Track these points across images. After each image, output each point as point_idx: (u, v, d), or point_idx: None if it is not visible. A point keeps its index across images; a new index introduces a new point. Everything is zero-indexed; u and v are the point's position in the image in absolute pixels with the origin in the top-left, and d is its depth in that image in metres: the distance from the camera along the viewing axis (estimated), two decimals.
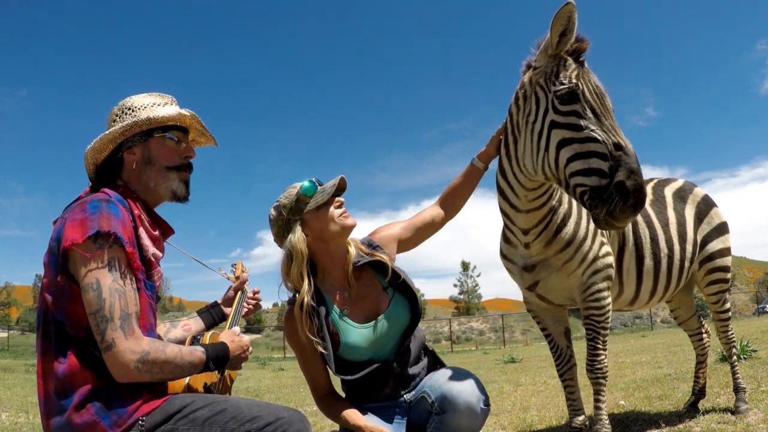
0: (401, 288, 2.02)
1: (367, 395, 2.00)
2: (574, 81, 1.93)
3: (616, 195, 1.74)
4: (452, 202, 2.26)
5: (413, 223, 2.19)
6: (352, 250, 2.01)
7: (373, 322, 1.96)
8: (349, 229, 1.97)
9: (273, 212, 1.98)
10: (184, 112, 1.68)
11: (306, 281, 1.91)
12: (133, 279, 1.44)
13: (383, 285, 2.02)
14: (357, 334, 1.94)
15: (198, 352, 1.50)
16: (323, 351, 1.88)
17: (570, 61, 1.98)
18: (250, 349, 1.69)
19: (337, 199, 1.98)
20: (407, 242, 2.17)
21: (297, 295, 1.93)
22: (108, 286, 1.36)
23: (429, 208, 2.25)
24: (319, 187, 1.97)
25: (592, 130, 1.85)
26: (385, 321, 1.97)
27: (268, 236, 2.07)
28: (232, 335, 1.67)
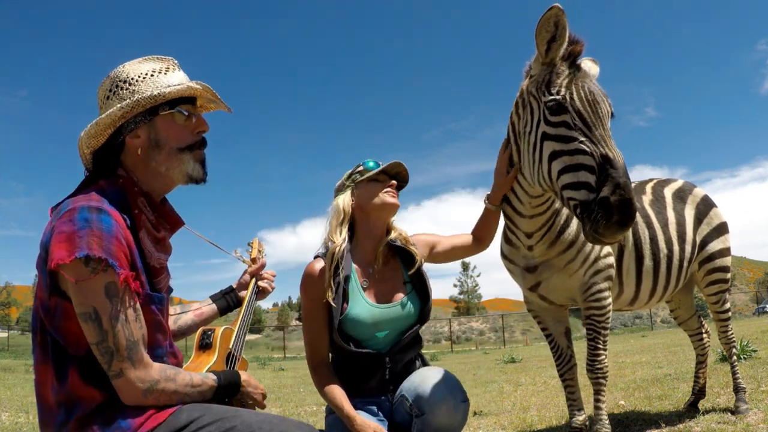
0: (419, 288, 2.10)
1: (353, 384, 2.02)
2: (563, 92, 1.87)
3: (599, 211, 1.67)
4: (484, 235, 2.32)
5: (452, 241, 2.30)
6: (394, 233, 2.13)
7: (384, 305, 2.03)
8: (388, 206, 2.09)
9: (338, 182, 2.19)
10: (194, 84, 1.45)
11: (341, 236, 2.04)
12: (135, 299, 1.31)
13: (405, 278, 2.11)
14: (366, 309, 2.00)
15: (209, 381, 1.43)
16: (332, 303, 1.95)
17: (563, 68, 1.93)
18: (263, 396, 1.64)
19: (391, 181, 2.12)
20: (438, 255, 2.27)
21: (327, 250, 2.03)
22: (108, 315, 1.24)
23: (466, 235, 2.35)
24: (380, 168, 2.12)
25: (581, 142, 1.80)
26: (395, 309, 2.03)
27: (269, 236, 2.12)
28: (251, 378, 1.60)
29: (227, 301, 1.92)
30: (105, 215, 1.26)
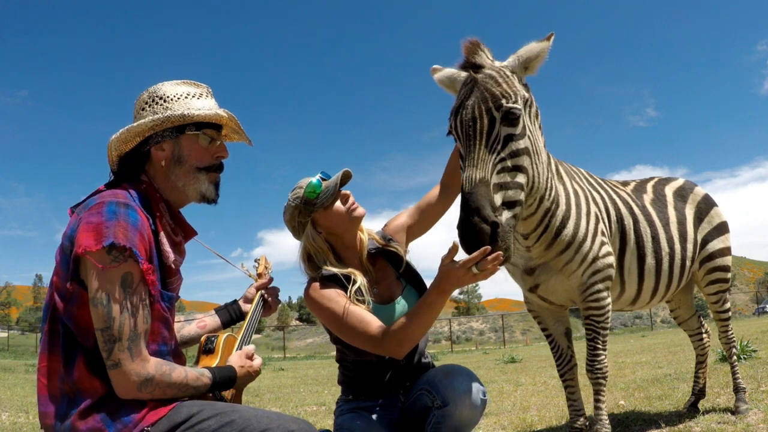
0: (413, 280, 2.10)
1: (366, 383, 2.03)
2: (450, 121, 1.87)
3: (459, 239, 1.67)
4: (454, 179, 2.19)
5: (418, 207, 2.22)
6: (365, 237, 2.08)
7: (388, 304, 2.03)
8: (358, 220, 2.02)
9: (285, 215, 2.05)
10: (222, 112, 1.57)
11: (338, 265, 1.99)
12: (147, 294, 1.38)
13: (396, 274, 2.10)
14: (379, 311, 1.98)
15: (204, 378, 1.46)
16: (361, 302, 1.91)
17: (461, 87, 1.89)
18: (260, 370, 1.65)
19: (342, 192, 2.01)
20: (416, 227, 2.21)
21: (322, 272, 1.95)
22: (119, 303, 1.31)
23: (432, 190, 2.25)
24: (323, 185, 1.98)
25: (461, 167, 1.78)
26: (400, 305, 2.03)
27: (269, 236, 2.13)
28: (243, 359, 1.61)
29: (230, 313, 1.93)
30: (132, 210, 1.36)
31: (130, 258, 1.32)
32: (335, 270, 1.95)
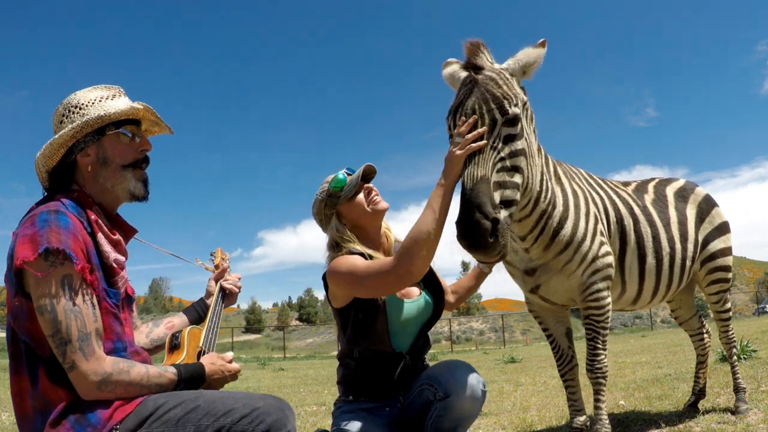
0: (429, 285, 2.15)
1: (370, 381, 2.04)
2: (449, 120, 1.90)
3: (458, 235, 1.70)
4: (463, 293, 2.37)
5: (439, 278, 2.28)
6: (392, 236, 2.16)
7: (409, 300, 2.08)
8: (380, 212, 2.10)
9: (313, 208, 2.15)
10: (136, 105, 1.60)
11: (360, 245, 2.04)
12: (90, 294, 1.39)
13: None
14: (399, 303, 2.04)
15: (168, 374, 1.47)
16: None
17: (460, 86, 1.92)
18: (237, 374, 1.64)
19: (366, 185, 2.10)
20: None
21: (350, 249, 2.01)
22: (63, 307, 1.32)
23: (446, 283, 2.35)
24: (347, 179, 2.08)
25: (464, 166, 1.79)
26: (418, 302, 2.09)
27: (269, 236, 2.13)
28: (215, 358, 1.61)
29: (197, 310, 1.94)
30: (63, 216, 1.38)
31: (66, 260, 1.33)
32: (362, 249, 2.02)
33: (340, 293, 1.98)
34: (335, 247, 2.07)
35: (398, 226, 2.23)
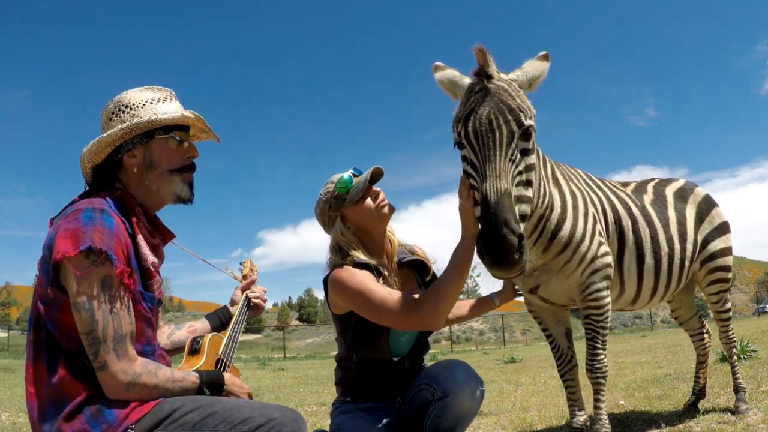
0: None
1: (369, 385, 2.04)
2: (458, 128, 1.78)
3: (480, 250, 1.61)
4: (461, 315, 2.35)
5: None
6: (396, 240, 2.12)
7: None
8: (386, 216, 2.04)
9: (316, 209, 2.08)
10: (188, 114, 1.60)
11: (364, 254, 2.01)
12: (127, 297, 1.40)
13: (418, 281, 2.15)
14: None
15: (191, 378, 1.48)
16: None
17: (467, 93, 1.80)
18: (249, 396, 1.64)
19: (373, 189, 2.03)
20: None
21: (354, 259, 1.98)
22: (101, 307, 1.33)
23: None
24: (354, 181, 2.01)
25: (474, 178, 1.74)
26: None
27: (269, 236, 2.12)
28: (236, 378, 1.62)
29: (219, 318, 1.95)
30: (107, 215, 1.39)
31: (107, 261, 1.34)
32: (366, 259, 1.97)
33: (342, 305, 1.97)
34: (338, 251, 2.03)
35: (398, 226, 2.20)
